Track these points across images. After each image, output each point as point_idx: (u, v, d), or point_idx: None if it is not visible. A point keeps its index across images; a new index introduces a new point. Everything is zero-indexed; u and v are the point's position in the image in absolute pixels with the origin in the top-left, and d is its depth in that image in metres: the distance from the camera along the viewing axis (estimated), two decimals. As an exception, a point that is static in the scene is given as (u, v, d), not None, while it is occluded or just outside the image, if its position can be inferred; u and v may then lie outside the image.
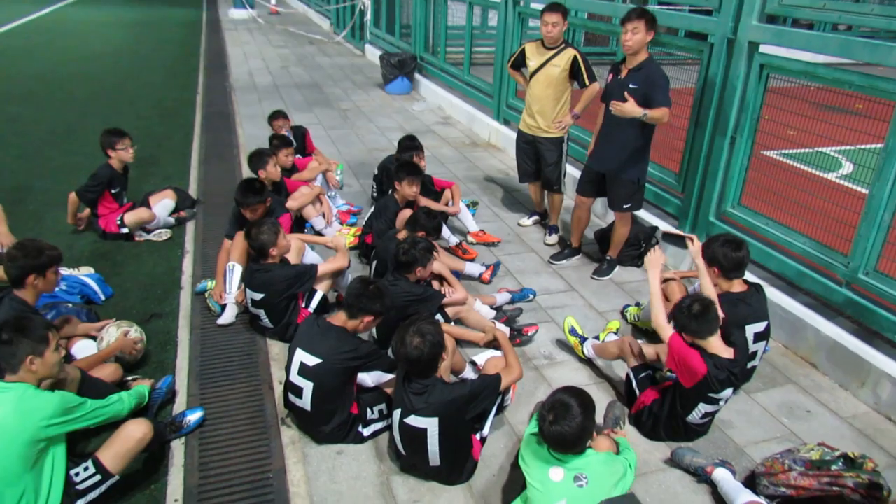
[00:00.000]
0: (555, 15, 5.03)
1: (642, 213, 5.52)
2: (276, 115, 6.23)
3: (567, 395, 2.52)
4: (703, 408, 3.18)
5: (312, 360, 3.08)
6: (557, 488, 2.51)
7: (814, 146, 4.29)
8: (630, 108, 4.17)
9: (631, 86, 4.38)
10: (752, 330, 3.43)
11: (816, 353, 4.02)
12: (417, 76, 11.12)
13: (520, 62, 5.49)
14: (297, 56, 14.23)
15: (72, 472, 2.71)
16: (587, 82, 5.21)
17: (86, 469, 2.73)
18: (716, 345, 3.10)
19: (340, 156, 7.45)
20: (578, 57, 5.15)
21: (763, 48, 4.40)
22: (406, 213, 4.89)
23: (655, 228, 5.31)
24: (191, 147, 7.76)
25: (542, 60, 5.25)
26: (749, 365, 3.59)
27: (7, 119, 8.67)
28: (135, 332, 3.71)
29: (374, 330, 3.71)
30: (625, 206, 4.77)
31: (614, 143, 4.64)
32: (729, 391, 3.14)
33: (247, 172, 6.87)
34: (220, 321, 4.15)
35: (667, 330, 3.22)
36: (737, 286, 3.53)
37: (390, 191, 4.97)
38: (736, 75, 4.53)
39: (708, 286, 3.50)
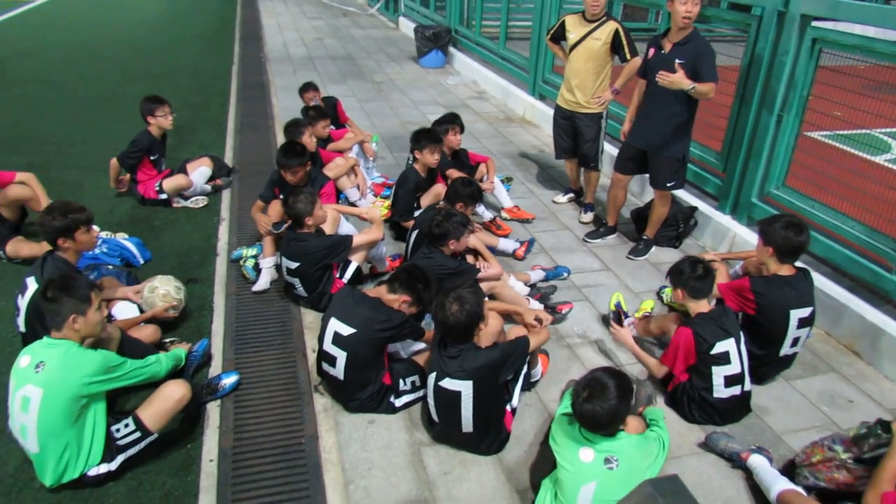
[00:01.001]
0: None
1: (680, 193, 5.39)
2: (307, 88, 6.22)
3: (605, 375, 2.48)
4: (718, 372, 3.13)
5: (347, 330, 3.09)
6: (587, 469, 2.47)
7: (863, 127, 4.13)
8: (679, 79, 4.05)
9: (677, 60, 4.24)
10: (796, 315, 3.34)
11: (860, 341, 3.90)
12: (452, 49, 10.99)
13: (559, 35, 5.37)
14: (331, 28, 14.16)
15: (113, 428, 2.78)
16: (628, 56, 5.07)
17: (126, 426, 2.79)
18: (702, 306, 3.27)
19: (374, 128, 7.41)
20: (620, 30, 5.01)
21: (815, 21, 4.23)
22: (439, 188, 4.86)
23: (695, 209, 5.19)
24: (226, 116, 7.80)
25: (582, 33, 5.12)
26: (791, 351, 3.50)
27: (51, 86, 8.80)
28: (178, 293, 3.75)
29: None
30: (668, 185, 4.65)
31: (657, 118, 4.51)
32: (728, 342, 3.12)
33: (282, 142, 6.92)
34: (255, 288, 4.19)
35: (661, 368, 3.38)
36: (785, 270, 3.43)
37: (409, 160, 4.90)
38: (785, 50, 4.37)
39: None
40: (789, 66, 4.38)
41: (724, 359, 3.13)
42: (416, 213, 4.75)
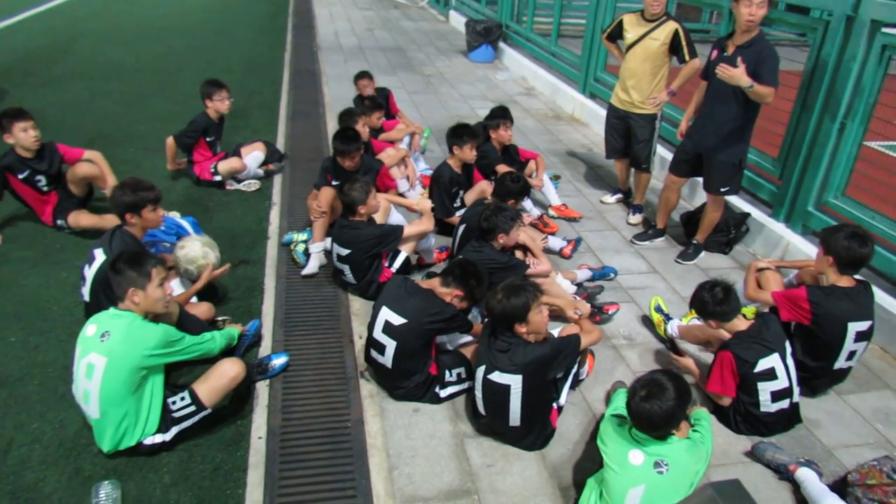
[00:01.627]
0: None
1: (733, 198, 5.29)
2: (362, 76, 6.28)
3: (665, 377, 2.44)
4: (764, 388, 3.06)
5: (398, 320, 3.13)
6: (636, 472, 2.44)
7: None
8: (739, 74, 3.96)
9: (740, 62, 4.16)
10: (854, 328, 3.26)
11: (917, 359, 3.80)
12: (502, 45, 10.95)
13: (616, 34, 5.31)
14: (382, 19, 14.25)
15: (169, 400, 2.87)
16: (687, 57, 4.99)
17: (182, 399, 2.88)
18: (738, 324, 3.18)
19: (423, 121, 7.44)
20: (680, 30, 4.93)
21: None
22: (484, 184, 4.86)
23: (747, 215, 5.10)
24: (279, 103, 7.92)
25: (641, 33, 5.06)
26: (845, 365, 3.42)
27: (111, 67, 9.07)
28: (204, 257, 3.78)
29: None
30: (722, 189, 4.57)
31: (715, 121, 4.43)
32: (772, 358, 3.04)
33: (332, 130, 7.00)
34: (305, 272, 4.26)
35: (721, 399, 3.26)
36: (845, 281, 3.35)
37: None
38: (852, 56, 4.25)
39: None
40: (856, 72, 4.26)
41: (769, 375, 3.06)
42: (458, 210, 4.79)
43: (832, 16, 4.41)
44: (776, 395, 3.07)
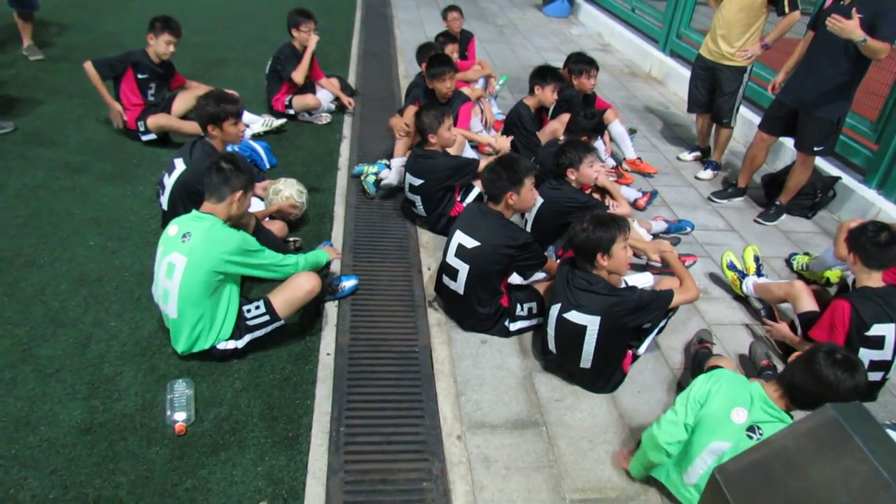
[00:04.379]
0: None
1: (822, 163, 5.01)
2: (452, 8, 6.17)
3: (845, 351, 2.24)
4: (865, 355, 2.87)
5: (471, 243, 3.06)
6: (731, 429, 2.25)
7: None
8: (853, 26, 3.69)
9: (858, 14, 3.87)
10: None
11: None
12: (578, 0, 10.58)
13: (715, -21, 5.03)
14: (455, -31, 13.92)
15: (244, 308, 2.89)
16: (787, 10, 4.67)
17: (257, 307, 2.90)
18: (874, 279, 2.97)
19: (496, 70, 7.26)
20: (785, -20, 4.62)
21: None
22: (556, 124, 4.71)
23: (837, 179, 4.82)
24: (350, 43, 7.85)
25: (740, -19, 4.77)
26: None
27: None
28: (300, 196, 3.85)
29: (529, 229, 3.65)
30: (816, 149, 4.31)
31: (820, 74, 4.15)
32: (888, 326, 2.84)
33: (402, 72, 6.91)
34: (385, 181, 4.38)
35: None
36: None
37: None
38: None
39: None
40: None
41: (878, 343, 2.87)
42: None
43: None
44: (874, 365, 2.90)
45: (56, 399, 2.67)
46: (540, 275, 3.42)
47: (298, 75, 5.30)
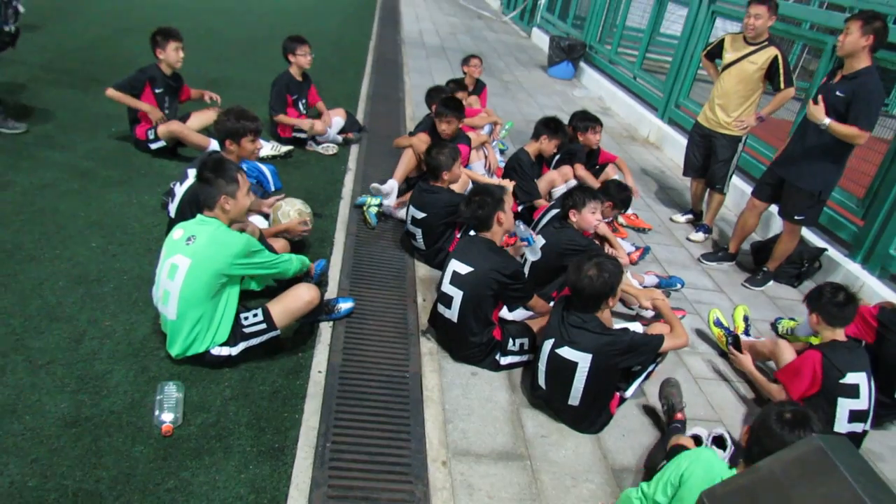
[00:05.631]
0: (760, 6, 4.78)
1: (811, 235, 5.18)
2: (473, 56, 6.42)
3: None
4: (844, 405, 2.94)
5: (465, 269, 3.14)
6: None
7: None
8: (816, 111, 3.95)
9: (838, 93, 4.07)
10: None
11: None
12: (582, 64, 10.97)
13: (715, 52, 5.29)
14: (465, 26, 14.44)
15: (241, 315, 2.92)
16: (782, 86, 4.90)
17: (255, 315, 2.93)
18: (837, 335, 3.11)
19: (502, 119, 7.49)
20: (780, 57, 4.87)
21: None
22: (554, 175, 4.91)
23: (823, 250, 4.97)
24: (361, 83, 8.08)
25: (739, 55, 5.02)
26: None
27: (209, 34, 9.37)
28: (308, 215, 3.94)
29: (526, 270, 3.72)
30: (796, 218, 4.47)
31: (804, 148, 4.34)
32: (861, 375, 2.95)
33: (409, 114, 7.10)
34: (383, 188, 4.55)
35: (782, 393, 3.17)
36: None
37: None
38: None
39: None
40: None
41: (853, 391, 2.95)
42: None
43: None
44: (854, 416, 2.96)
45: (44, 390, 2.66)
46: (525, 313, 3.47)
47: (282, 118, 5.55)
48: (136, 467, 2.40)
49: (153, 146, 4.84)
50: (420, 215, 3.99)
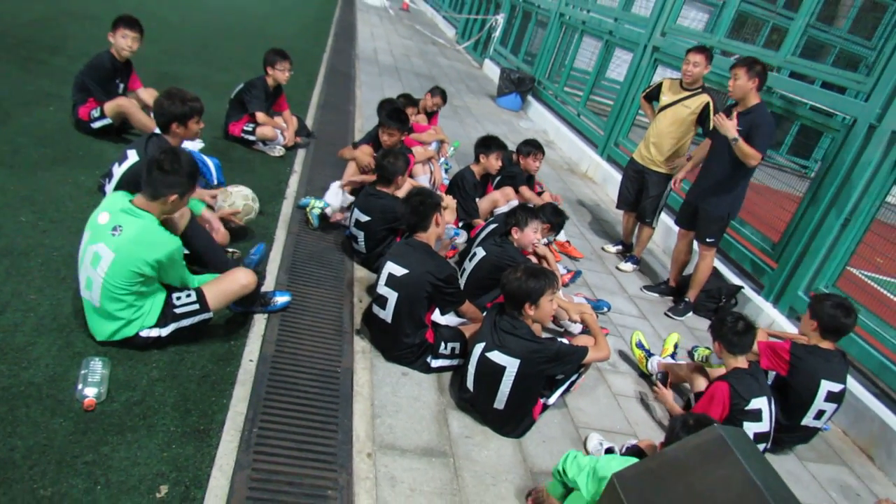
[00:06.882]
0: (699, 55, 5.16)
1: (730, 273, 5.52)
2: (436, 90, 6.62)
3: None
4: (748, 428, 3.15)
5: (400, 271, 3.23)
6: None
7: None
8: (728, 124, 4.37)
9: (738, 127, 4.49)
10: (826, 386, 3.43)
11: (877, 447, 3.94)
12: (530, 97, 11.35)
13: (653, 95, 5.63)
14: (420, 50, 14.69)
15: (173, 295, 2.89)
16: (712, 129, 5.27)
17: (188, 296, 2.90)
18: (739, 362, 3.31)
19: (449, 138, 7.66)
20: (711, 105, 5.23)
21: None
22: (497, 195, 5.08)
23: (739, 288, 5.30)
24: (312, 92, 8.11)
25: (674, 98, 5.36)
26: (813, 424, 3.56)
27: (154, 21, 9.23)
28: (252, 202, 3.99)
29: (461, 281, 3.83)
30: (708, 240, 4.86)
31: (712, 174, 4.78)
32: (762, 400, 3.16)
33: (358, 126, 7.18)
34: (327, 194, 4.61)
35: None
36: (825, 345, 3.53)
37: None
38: (868, 160, 4.55)
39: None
40: (868, 175, 4.55)
41: (756, 416, 3.18)
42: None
43: (856, 122, 4.73)
44: (757, 438, 3.18)
45: (-40, 357, 2.57)
46: (458, 319, 3.58)
47: (261, 117, 5.54)
48: (53, 439, 2.35)
49: (95, 125, 4.73)
50: (364, 218, 4.06)
